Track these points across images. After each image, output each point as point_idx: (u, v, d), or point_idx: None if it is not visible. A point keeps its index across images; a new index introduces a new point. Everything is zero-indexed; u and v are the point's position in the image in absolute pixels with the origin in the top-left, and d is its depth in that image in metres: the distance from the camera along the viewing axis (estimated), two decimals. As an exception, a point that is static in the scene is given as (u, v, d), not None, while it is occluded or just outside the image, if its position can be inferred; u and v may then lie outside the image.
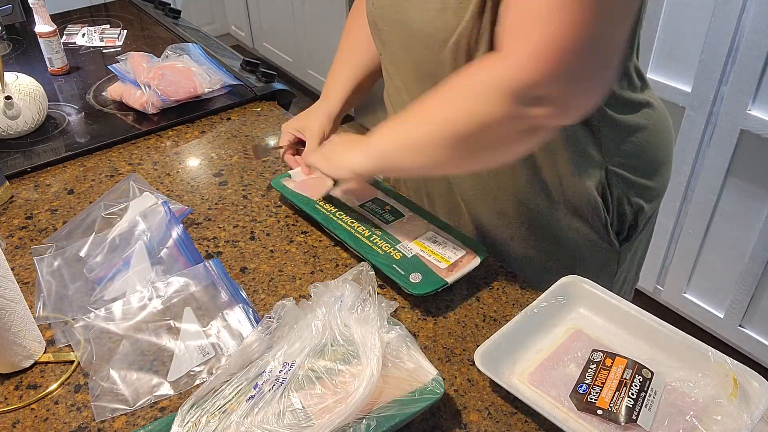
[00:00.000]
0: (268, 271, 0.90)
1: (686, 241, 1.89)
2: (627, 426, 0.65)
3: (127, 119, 1.27)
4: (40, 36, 1.39)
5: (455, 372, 0.75)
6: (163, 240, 0.93)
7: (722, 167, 1.72)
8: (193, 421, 0.64)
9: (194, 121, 1.27)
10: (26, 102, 1.18)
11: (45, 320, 0.83)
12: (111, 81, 1.37)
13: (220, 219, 1.00)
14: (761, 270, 1.73)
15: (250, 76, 1.41)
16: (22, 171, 1.12)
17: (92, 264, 0.90)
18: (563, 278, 0.81)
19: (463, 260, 0.86)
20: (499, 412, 0.71)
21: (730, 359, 0.69)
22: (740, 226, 1.75)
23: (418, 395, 0.66)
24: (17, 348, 0.75)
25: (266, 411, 0.63)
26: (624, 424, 0.65)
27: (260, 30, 3.65)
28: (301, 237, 0.96)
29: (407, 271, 0.83)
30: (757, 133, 1.61)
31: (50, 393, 0.74)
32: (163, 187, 1.08)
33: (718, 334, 1.93)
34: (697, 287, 1.94)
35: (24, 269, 0.91)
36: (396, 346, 0.69)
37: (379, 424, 0.63)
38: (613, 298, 0.78)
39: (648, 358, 0.72)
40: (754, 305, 1.80)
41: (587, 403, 0.67)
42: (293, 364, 0.66)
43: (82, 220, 0.97)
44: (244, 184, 1.08)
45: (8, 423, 0.71)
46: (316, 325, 0.70)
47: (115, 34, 1.64)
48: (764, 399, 0.65)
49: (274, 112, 1.30)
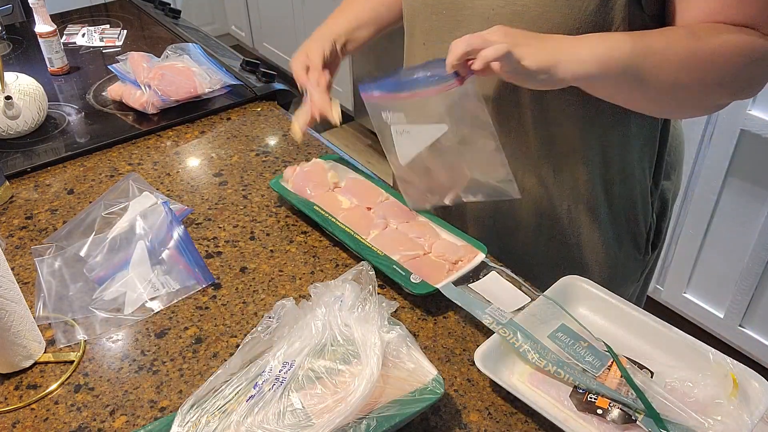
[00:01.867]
0: (268, 271, 0.90)
1: (686, 241, 1.89)
2: (626, 426, 0.65)
3: (127, 119, 1.27)
4: (40, 36, 1.39)
5: (455, 372, 0.75)
6: (163, 240, 0.93)
7: (722, 167, 1.72)
8: (193, 421, 0.64)
9: (194, 121, 1.27)
10: (26, 102, 1.18)
11: (45, 320, 0.83)
12: (111, 81, 1.37)
13: (220, 219, 1.00)
14: (761, 270, 1.73)
15: (250, 76, 1.41)
16: (22, 171, 1.12)
17: (92, 264, 0.90)
18: (563, 278, 0.81)
19: (463, 260, 0.86)
20: (499, 412, 0.71)
21: (731, 359, 0.69)
22: (740, 226, 1.75)
23: (418, 395, 0.66)
24: (17, 348, 0.75)
25: (266, 411, 0.63)
26: (623, 424, 0.65)
27: (260, 30, 3.65)
28: (301, 237, 0.96)
29: (407, 272, 0.83)
30: (757, 133, 1.61)
31: (50, 393, 0.74)
32: (163, 187, 1.08)
33: (718, 334, 1.92)
34: (697, 287, 1.94)
35: (24, 269, 0.91)
36: (396, 346, 0.69)
37: (379, 424, 0.63)
38: (613, 298, 0.78)
39: (648, 358, 0.72)
40: (754, 305, 1.80)
41: (587, 403, 0.67)
42: (293, 363, 0.66)
43: (82, 219, 0.97)
44: (244, 184, 1.08)
45: (8, 423, 0.71)
46: (316, 324, 0.70)
47: (115, 34, 1.64)
48: (764, 399, 0.65)
49: (274, 112, 1.30)
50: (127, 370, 0.77)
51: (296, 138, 1.03)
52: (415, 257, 0.87)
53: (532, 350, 0.71)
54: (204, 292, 0.87)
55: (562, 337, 0.73)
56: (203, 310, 0.85)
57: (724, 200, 1.76)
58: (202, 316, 0.84)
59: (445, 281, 0.82)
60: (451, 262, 0.85)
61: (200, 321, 0.83)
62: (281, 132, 1.23)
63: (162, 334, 0.81)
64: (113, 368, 0.77)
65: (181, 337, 0.81)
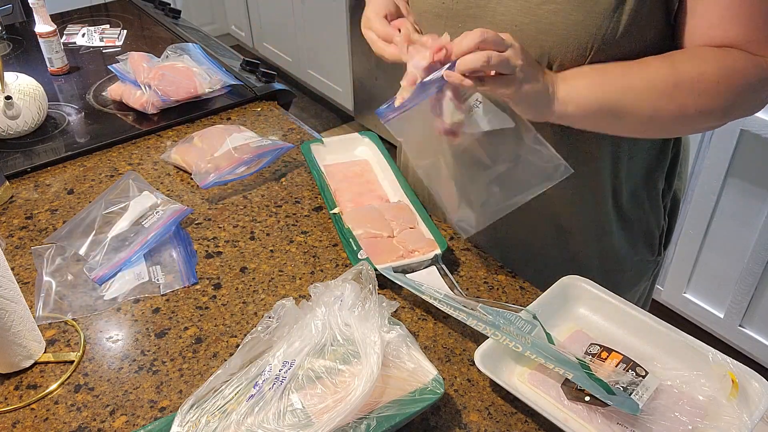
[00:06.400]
0: (268, 271, 0.90)
1: (686, 241, 1.89)
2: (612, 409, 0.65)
3: (127, 119, 1.27)
4: (40, 36, 1.39)
5: (455, 372, 0.75)
6: (163, 240, 0.93)
7: (722, 167, 1.71)
8: (193, 421, 0.64)
9: (194, 121, 1.27)
10: (26, 102, 1.18)
11: (45, 320, 0.83)
12: (111, 81, 1.37)
13: (220, 219, 1.00)
14: (761, 270, 1.73)
15: (250, 76, 1.41)
16: (22, 171, 1.12)
17: (92, 263, 0.90)
18: (563, 278, 0.81)
19: (420, 251, 0.88)
20: (499, 412, 0.71)
21: (731, 359, 0.69)
22: (740, 226, 1.75)
23: (418, 395, 0.66)
24: (17, 348, 0.75)
25: (266, 410, 0.63)
26: (609, 405, 0.65)
27: (260, 30, 3.65)
28: (301, 237, 0.96)
29: (359, 247, 0.87)
30: (757, 133, 1.61)
31: (50, 393, 0.74)
32: (163, 187, 1.08)
33: (718, 334, 1.93)
34: (697, 287, 1.94)
35: (24, 269, 0.91)
36: (396, 346, 0.69)
37: (379, 424, 0.63)
38: (613, 298, 0.78)
39: (648, 358, 0.72)
40: (754, 305, 1.80)
41: (576, 392, 0.67)
42: (293, 363, 0.66)
43: (82, 219, 0.97)
44: (244, 184, 1.08)
45: (8, 423, 0.71)
46: (316, 324, 0.70)
47: (115, 34, 1.64)
48: (764, 399, 0.65)
49: (274, 112, 1.30)
50: (127, 370, 0.77)
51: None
52: (376, 236, 0.90)
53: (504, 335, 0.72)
54: (204, 292, 0.87)
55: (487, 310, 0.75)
56: (203, 310, 0.85)
57: (724, 200, 1.76)
58: (202, 316, 0.84)
59: (386, 264, 0.85)
60: (407, 250, 0.88)
61: (200, 321, 0.83)
62: (281, 132, 1.23)
63: (162, 334, 0.81)
64: (113, 368, 0.77)
65: (181, 337, 0.81)
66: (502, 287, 0.87)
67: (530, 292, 0.86)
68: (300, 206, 1.03)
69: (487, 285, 0.87)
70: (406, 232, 0.91)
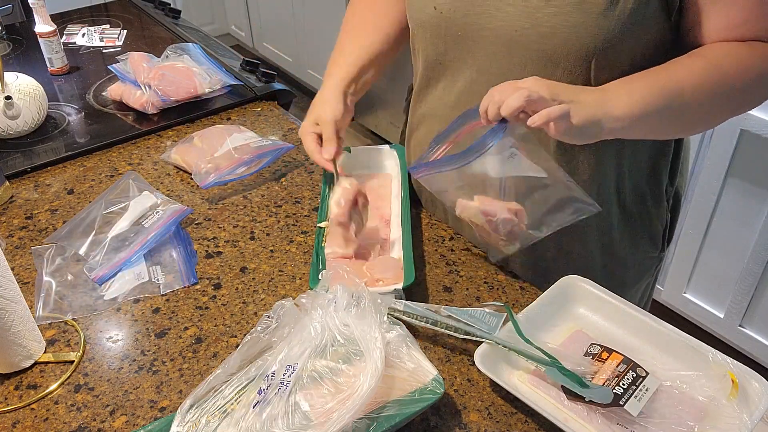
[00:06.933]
0: (268, 271, 0.90)
1: (686, 240, 1.89)
2: (613, 409, 0.65)
3: (127, 119, 1.27)
4: (40, 36, 1.39)
5: (455, 372, 0.75)
6: (163, 240, 0.93)
7: (722, 167, 1.71)
8: (193, 421, 0.64)
9: (194, 121, 1.27)
10: (26, 102, 1.18)
11: (45, 320, 0.83)
12: (111, 81, 1.37)
13: (220, 219, 1.00)
14: (761, 270, 1.73)
15: (250, 76, 1.41)
16: (22, 171, 1.12)
17: (92, 263, 0.90)
18: (563, 278, 0.81)
19: (384, 282, 0.82)
20: (499, 412, 0.71)
21: (731, 359, 0.69)
22: (740, 226, 1.75)
23: (418, 395, 0.66)
24: (17, 348, 0.75)
25: (272, 415, 0.62)
26: (608, 405, 0.65)
27: (260, 30, 3.65)
28: (301, 237, 0.96)
29: (323, 266, 0.83)
30: (757, 133, 1.61)
31: (50, 393, 0.74)
32: (163, 187, 1.08)
33: (718, 334, 1.92)
34: (697, 287, 1.94)
35: (24, 269, 0.91)
36: (396, 346, 0.69)
37: (379, 424, 0.63)
38: (613, 298, 0.78)
39: (648, 358, 0.72)
40: (754, 305, 1.80)
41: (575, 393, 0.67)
42: (295, 366, 0.66)
43: (82, 219, 0.97)
44: (244, 184, 1.08)
45: (8, 423, 0.71)
46: (314, 327, 0.69)
47: (115, 34, 1.64)
48: (764, 399, 0.65)
49: (274, 112, 1.30)
50: (127, 370, 0.77)
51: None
52: (344, 257, 0.85)
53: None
54: (204, 292, 0.87)
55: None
56: (203, 310, 0.85)
57: (724, 200, 1.76)
58: (202, 316, 0.84)
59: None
60: (373, 279, 0.82)
61: (200, 321, 0.83)
62: (281, 132, 1.23)
63: (162, 334, 0.81)
64: (113, 368, 0.77)
65: (181, 337, 0.81)
66: (502, 287, 0.87)
67: (530, 292, 0.86)
68: (300, 206, 1.03)
69: (487, 285, 0.87)
70: (376, 260, 0.86)
